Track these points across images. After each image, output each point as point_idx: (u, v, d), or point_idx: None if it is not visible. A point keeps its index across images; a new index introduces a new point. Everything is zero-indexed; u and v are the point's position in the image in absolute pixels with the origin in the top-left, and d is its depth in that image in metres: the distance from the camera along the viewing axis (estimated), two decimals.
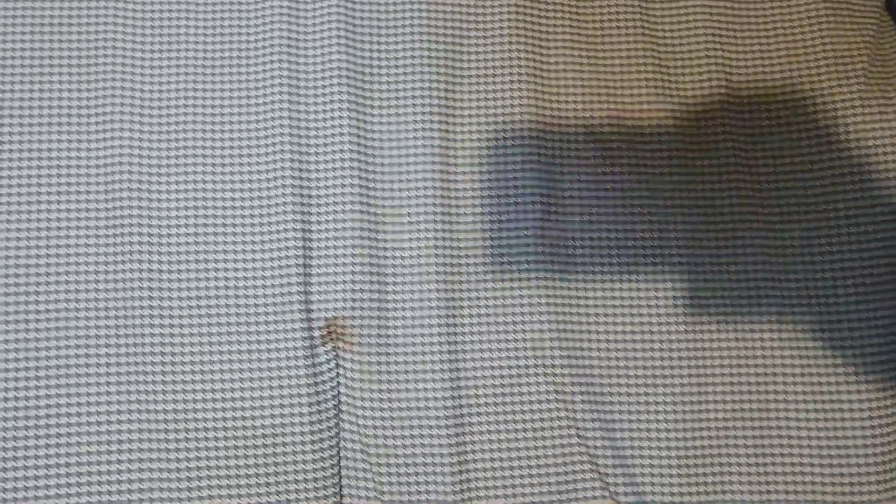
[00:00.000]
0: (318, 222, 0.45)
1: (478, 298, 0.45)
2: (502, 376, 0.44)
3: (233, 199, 0.45)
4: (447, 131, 0.47)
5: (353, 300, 0.44)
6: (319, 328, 0.44)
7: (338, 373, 0.44)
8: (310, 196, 0.45)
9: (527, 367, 0.44)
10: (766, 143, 0.48)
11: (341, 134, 0.46)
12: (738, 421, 0.45)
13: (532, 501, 0.43)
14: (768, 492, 0.44)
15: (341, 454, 0.44)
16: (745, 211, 0.46)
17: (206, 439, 0.42)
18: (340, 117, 0.46)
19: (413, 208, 0.46)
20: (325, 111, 0.46)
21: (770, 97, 0.48)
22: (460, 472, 0.43)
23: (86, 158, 0.45)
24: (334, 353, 0.44)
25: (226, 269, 0.44)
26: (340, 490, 0.43)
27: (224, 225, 0.45)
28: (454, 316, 0.45)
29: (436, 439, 0.43)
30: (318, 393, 0.43)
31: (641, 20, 0.49)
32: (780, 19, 0.50)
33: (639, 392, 0.45)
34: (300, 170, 0.45)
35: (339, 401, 0.44)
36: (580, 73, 0.48)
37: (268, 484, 0.42)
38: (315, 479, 0.43)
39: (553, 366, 0.44)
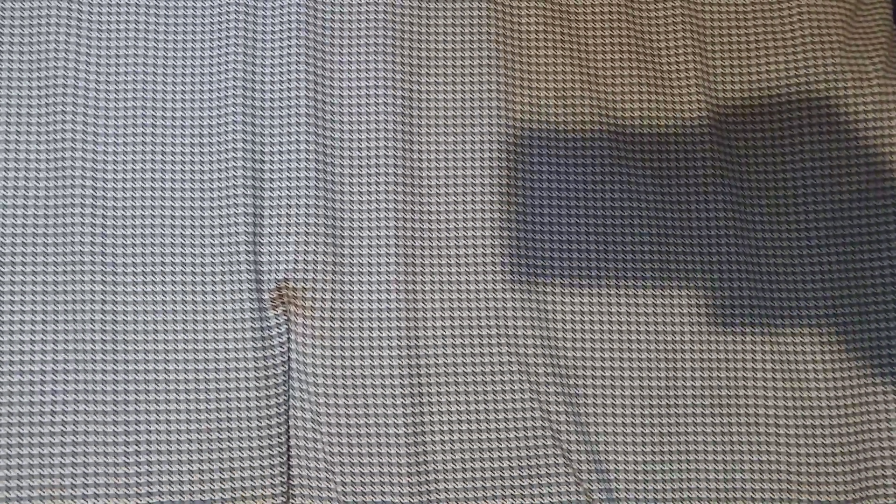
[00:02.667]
0: (271, 179, 0.43)
1: (440, 265, 0.43)
2: (463, 345, 0.42)
3: (181, 153, 0.43)
4: (411, 98, 0.44)
5: (307, 262, 0.42)
6: (269, 291, 0.42)
7: (288, 338, 0.42)
8: (262, 151, 0.43)
9: (489, 336, 0.43)
10: (743, 143, 0.46)
11: (297, 89, 0.43)
12: (708, 417, 0.43)
13: (492, 480, 0.41)
14: (734, 489, 0.42)
15: (290, 423, 0.42)
16: (719, 214, 0.44)
17: (147, 401, 0.40)
18: (297, 72, 0.44)
19: (372, 168, 0.43)
20: (280, 62, 0.44)
21: (745, 74, 0.47)
22: (416, 443, 0.41)
23: (27, 116, 0.43)
24: (285, 318, 0.42)
25: (172, 226, 0.42)
26: (288, 461, 0.41)
27: (171, 179, 0.43)
28: (414, 282, 0.43)
29: (391, 409, 0.41)
30: (266, 358, 0.41)
31: (624, 9, 0.47)
32: (760, 7, 0.48)
33: (605, 391, 0.43)
34: (252, 124, 0.43)
35: (289, 367, 0.42)
36: (558, 60, 0.46)
37: (210, 451, 0.40)
38: (261, 448, 0.41)
39: (517, 335, 0.42)
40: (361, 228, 0.43)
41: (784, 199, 0.45)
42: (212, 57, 0.44)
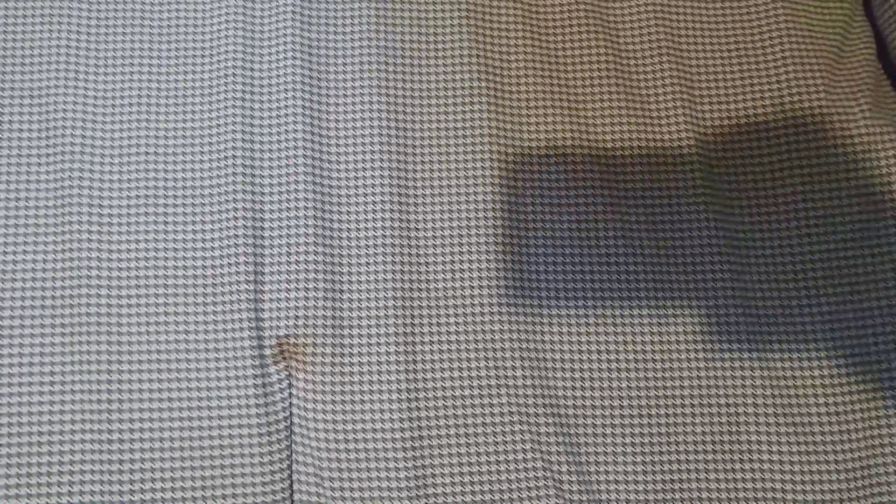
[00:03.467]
0: (271, 236, 0.44)
1: (438, 317, 0.44)
2: (463, 397, 0.43)
3: (182, 210, 0.44)
4: (405, 145, 0.46)
5: (307, 317, 0.43)
6: (271, 346, 0.42)
7: (290, 393, 0.42)
8: (262, 208, 0.44)
9: (489, 386, 0.43)
10: (732, 163, 0.47)
11: (295, 147, 0.45)
12: (709, 444, 0.42)
13: None
14: None
15: (294, 478, 0.42)
16: (712, 234, 0.45)
17: (152, 460, 0.41)
18: (294, 129, 0.45)
19: (370, 222, 0.44)
20: (278, 121, 0.45)
21: (732, 111, 0.47)
22: (418, 497, 0.41)
23: (36, 166, 0.44)
24: (286, 373, 0.43)
25: (175, 285, 0.43)
26: None
27: (173, 239, 0.44)
28: (413, 335, 0.43)
29: (392, 463, 0.41)
30: (268, 414, 0.42)
31: (606, 38, 0.48)
32: (741, 32, 0.49)
33: (604, 422, 0.43)
34: (252, 182, 0.44)
35: (292, 423, 0.42)
36: (542, 90, 0.47)
37: None
38: None
39: (517, 386, 0.43)
40: (360, 282, 0.44)
41: (779, 231, 0.45)
42: (211, 111, 0.45)
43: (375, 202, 0.45)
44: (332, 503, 0.41)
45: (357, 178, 0.45)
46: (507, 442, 0.42)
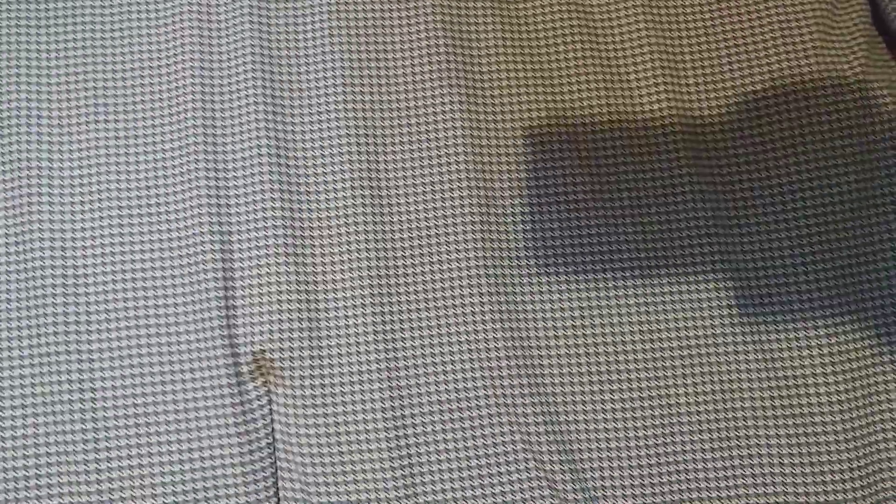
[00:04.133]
0: (240, 249, 0.42)
1: (419, 319, 0.42)
2: (449, 401, 0.42)
3: (149, 227, 0.43)
4: (376, 143, 0.44)
5: (282, 330, 0.41)
6: (247, 363, 0.41)
7: (270, 409, 0.41)
8: (229, 221, 0.43)
9: (475, 388, 0.42)
10: (717, 137, 0.45)
11: (259, 155, 0.43)
12: (704, 429, 0.41)
13: None
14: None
15: (280, 494, 0.41)
16: (699, 213, 0.43)
17: (132, 487, 0.40)
18: (259, 138, 0.43)
19: (343, 227, 0.43)
20: (241, 130, 0.43)
21: (717, 81, 0.45)
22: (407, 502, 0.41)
23: None
24: (265, 389, 0.41)
25: (146, 306, 0.42)
26: None
27: (140, 259, 0.42)
28: (393, 340, 0.42)
29: (379, 473, 0.41)
30: (248, 433, 0.41)
31: (579, 13, 0.46)
32: (730, 20, 0.46)
33: (595, 408, 0.42)
34: (217, 195, 0.43)
35: (274, 439, 0.41)
36: (515, 73, 0.45)
37: None
38: None
39: (503, 386, 0.41)
40: (336, 290, 0.42)
41: (773, 206, 0.44)
42: (172, 125, 0.44)
43: (347, 205, 0.43)
44: None
45: (327, 182, 0.43)
46: (496, 443, 0.41)
